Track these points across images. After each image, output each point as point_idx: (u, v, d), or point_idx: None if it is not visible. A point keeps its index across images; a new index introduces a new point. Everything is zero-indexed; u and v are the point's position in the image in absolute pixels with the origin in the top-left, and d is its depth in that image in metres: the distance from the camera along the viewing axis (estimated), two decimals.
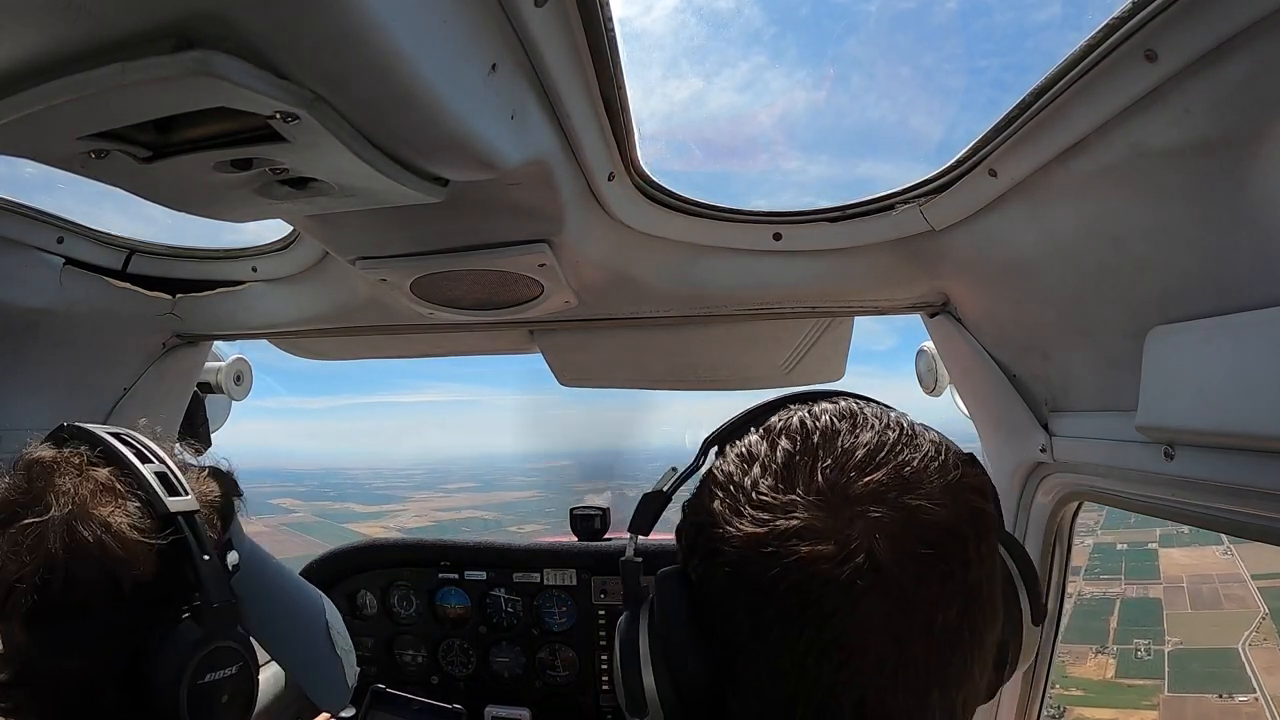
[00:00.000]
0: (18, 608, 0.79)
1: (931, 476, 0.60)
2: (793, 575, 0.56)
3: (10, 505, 0.85)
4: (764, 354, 2.02)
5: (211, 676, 0.86)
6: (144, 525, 0.85)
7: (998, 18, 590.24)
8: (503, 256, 1.35)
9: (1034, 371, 1.46)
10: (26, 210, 1.46)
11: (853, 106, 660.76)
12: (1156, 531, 30.27)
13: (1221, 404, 0.89)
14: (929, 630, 0.57)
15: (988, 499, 0.63)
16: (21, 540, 0.81)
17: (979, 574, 0.60)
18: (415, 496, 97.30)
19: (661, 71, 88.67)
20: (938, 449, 0.63)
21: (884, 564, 0.55)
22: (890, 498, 0.58)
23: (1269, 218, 0.83)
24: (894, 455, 0.60)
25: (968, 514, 0.60)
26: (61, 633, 0.81)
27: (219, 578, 0.89)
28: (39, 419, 1.67)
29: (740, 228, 1.45)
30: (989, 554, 0.62)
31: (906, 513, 0.57)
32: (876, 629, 0.55)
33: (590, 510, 2.50)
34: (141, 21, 0.65)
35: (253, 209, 1.07)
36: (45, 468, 0.87)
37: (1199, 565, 29.17)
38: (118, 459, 0.89)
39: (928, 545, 0.57)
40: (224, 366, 2.20)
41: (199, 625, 0.86)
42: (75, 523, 0.81)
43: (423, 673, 2.50)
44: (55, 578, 0.79)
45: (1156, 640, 26.42)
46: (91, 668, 0.83)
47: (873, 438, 0.62)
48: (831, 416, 0.65)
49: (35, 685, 0.83)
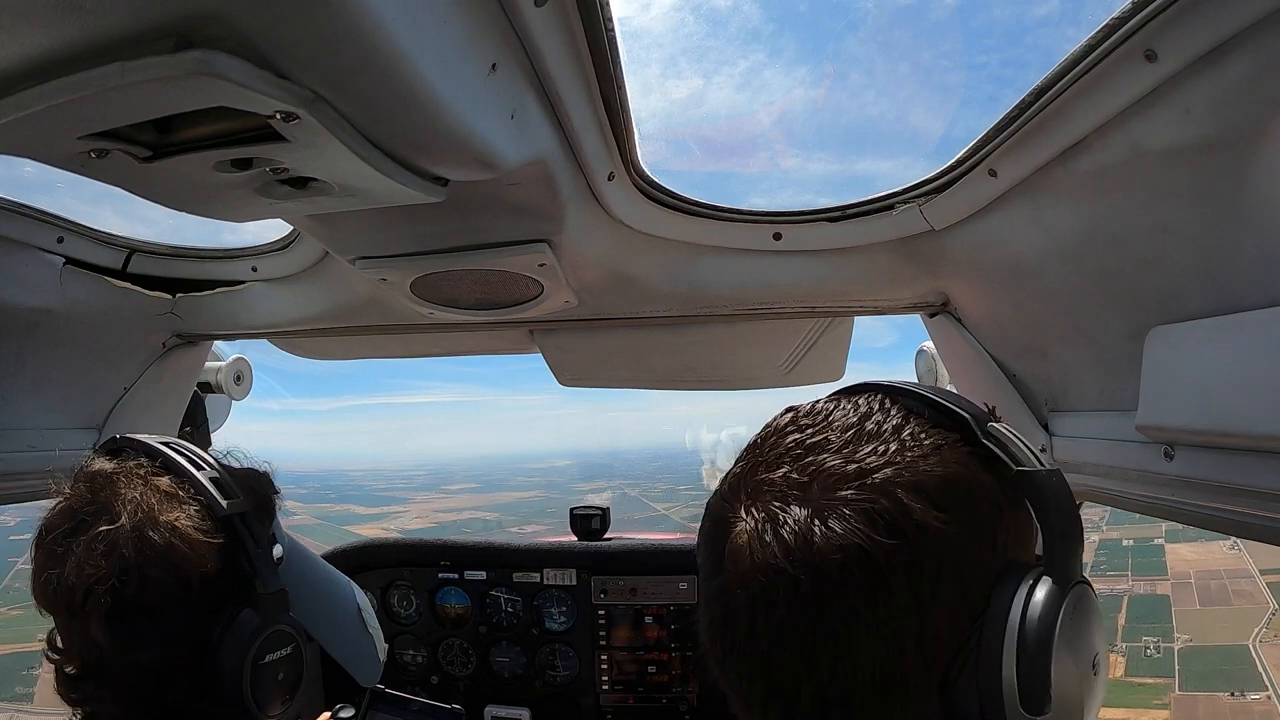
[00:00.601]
0: (96, 608, 0.86)
1: (836, 487, 0.58)
2: (705, 548, 0.66)
3: (77, 514, 0.92)
4: (764, 354, 2.02)
5: (270, 658, 0.95)
6: (205, 526, 0.93)
7: (996, 13, 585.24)
8: (503, 256, 1.35)
9: (1034, 371, 1.46)
10: (27, 210, 1.46)
11: (851, 104, 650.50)
12: (1162, 527, 29.70)
13: (1221, 404, 0.89)
14: (773, 642, 0.58)
15: (888, 534, 0.55)
16: (96, 547, 0.88)
17: (839, 615, 0.56)
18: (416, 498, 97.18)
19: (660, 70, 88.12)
20: (867, 463, 0.58)
21: (736, 568, 0.60)
22: (766, 501, 0.60)
23: (1269, 218, 0.83)
24: (802, 458, 0.61)
25: (846, 545, 0.55)
26: (137, 629, 0.89)
27: (271, 569, 0.98)
28: (39, 419, 1.68)
29: (740, 227, 1.45)
30: (868, 598, 0.55)
31: (769, 519, 0.59)
32: (739, 618, 0.60)
33: (590, 510, 2.50)
34: (141, 21, 0.65)
35: (253, 209, 1.07)
36: (108, 478, 0.95)
37: (1207, 561, 28.88)
38: (175, 468, 0.98)
39: (774, 558, 0.57)
40: (224, 366, 2.20)
41: (257, 613, 0.95)
42: (145, 529, 0.89)
43: (423, 672, 2.50)
44: (130, 579, 0.87)
45: (1166, 638, 26.11)
46: (163, 658, 0.91)
47: (799, 439, 0.63)
48: (798, 412, 0.68)
49: (108, 678, 0.90)
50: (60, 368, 1.68)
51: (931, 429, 0.62)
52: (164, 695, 0.91)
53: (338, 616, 1.20)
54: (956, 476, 0.59)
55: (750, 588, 0.59)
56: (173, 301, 1.77)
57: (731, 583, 0.60)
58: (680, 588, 2.28)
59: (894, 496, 0.57)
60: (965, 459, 0.61)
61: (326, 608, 1.18)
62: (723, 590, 0.62)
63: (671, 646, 2.32)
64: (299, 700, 1.01)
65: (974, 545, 0.59)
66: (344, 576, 1.27)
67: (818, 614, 0.56)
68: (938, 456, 0.60)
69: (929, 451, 0.60)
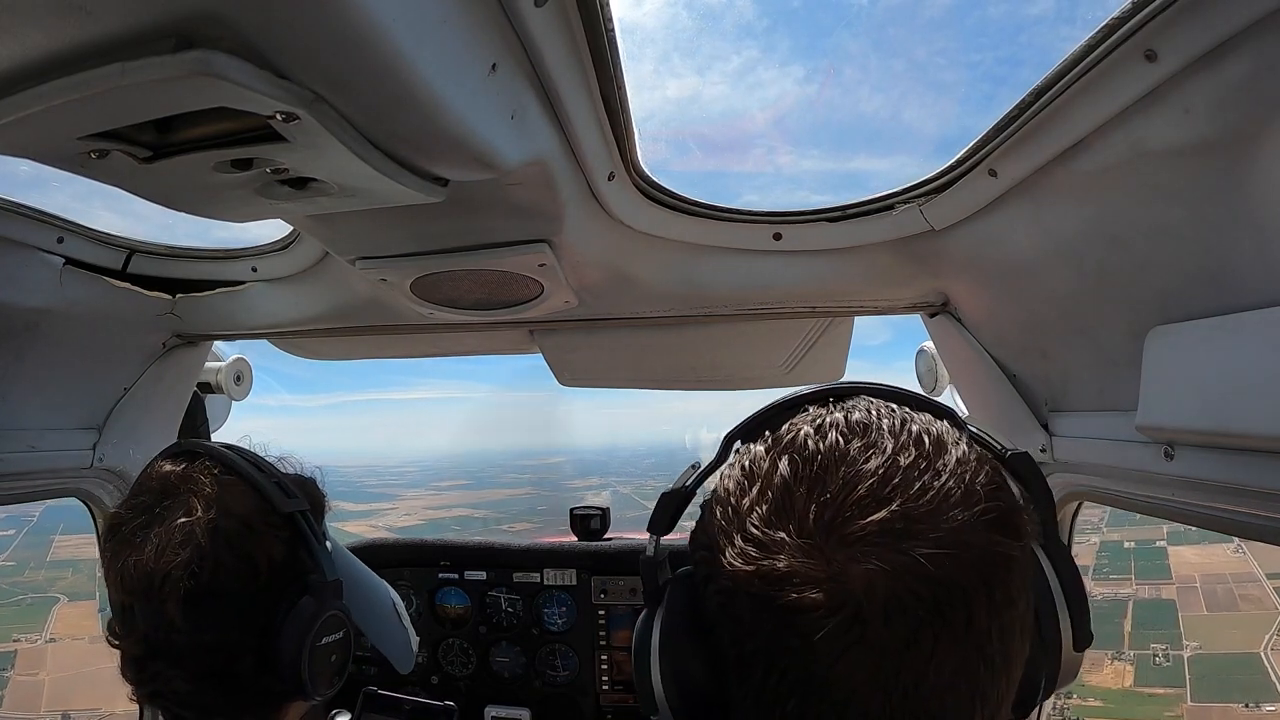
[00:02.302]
0: (174, 592, 0.94)
1: (946, 514, 0.53)
2: (775, 620, 0.53)
3: (151, 508, 1.01)
4: (764, 354, 2.02)
5: (326, 640, 1.03)
6: (272, 520, 1.04)
7: (991, 11, 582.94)
8: (503, 256, 1.35)
9: (1034, 371, 1.46)
10: (26, 210, 1.46)
11: (845, 101, 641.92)
12: (1164, 529, 29.11)
13: (1221, 404, 0.89)
14: (918, 686, 0.52)
15: (1015, 534, 0.56)
16: (174, 535, 0.97)
17: (987, 625, 0.53)
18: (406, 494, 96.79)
19: (654, 67, 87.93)
20: (963, 472, 0.55)
21: (870, 620, 0.51)
22: (889, 543, 0.52)
23: (1269, 218, 0.83)
24: (903, 488, 0.53)
25: (982, 560, 0.53)
26: (211, 611, 0.97)
27: (329, 561, 1.07)
28: (39, 419, 1.68)
29: (740, 227, 1.45)
30: (1003, 602, 0.55)
31: (905, 562, 0.51)
32: (861, 683, 0.52)
33: (590, 510, 2.50)
34: (141, 21, 0.65)
35: (253, 209, 1.07)
36: (181, 476, 1.04)
37: (1211, 564, 28.25)
38: (240, 469, 1.07)
39: (924, 601, 0.51)
40: (224, 366, 2.20)
41: (314, 599, 1.03)
42: (220, 520, 0.99)
43: (422, 673, 2.50)
44: (205, 565, 0.96)
45: (1174, 645, 25.32)
46: (232, 639, 0.99)
47: (882, 464, 0.55)
48: (840, 433, 0.58)
49: (177, 657, 0.97)
50: (60, 368, 1.68)
51: (950, 427, 0.62)
52: (230, 672, 0.99)
53: (378, 608, 1.30)
54: (1002, 471, 0.61)
55: (901, 639, 0.52)
56: (173, 302, 1.76)
57: (865, 643, 0.52)
58: None
59: (999, 498, 0.57)
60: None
61: (369, 600, 1.28)
62: (839, 658, 0.52)
63: None
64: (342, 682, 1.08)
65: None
66: (377, 575, 1.35)
67: (984, 641, 0.54)
68: (978, 455, 0.60)
69: (975, 451, 0.60)
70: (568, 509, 2.55)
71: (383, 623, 1.30)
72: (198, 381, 2.12)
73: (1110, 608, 27.30)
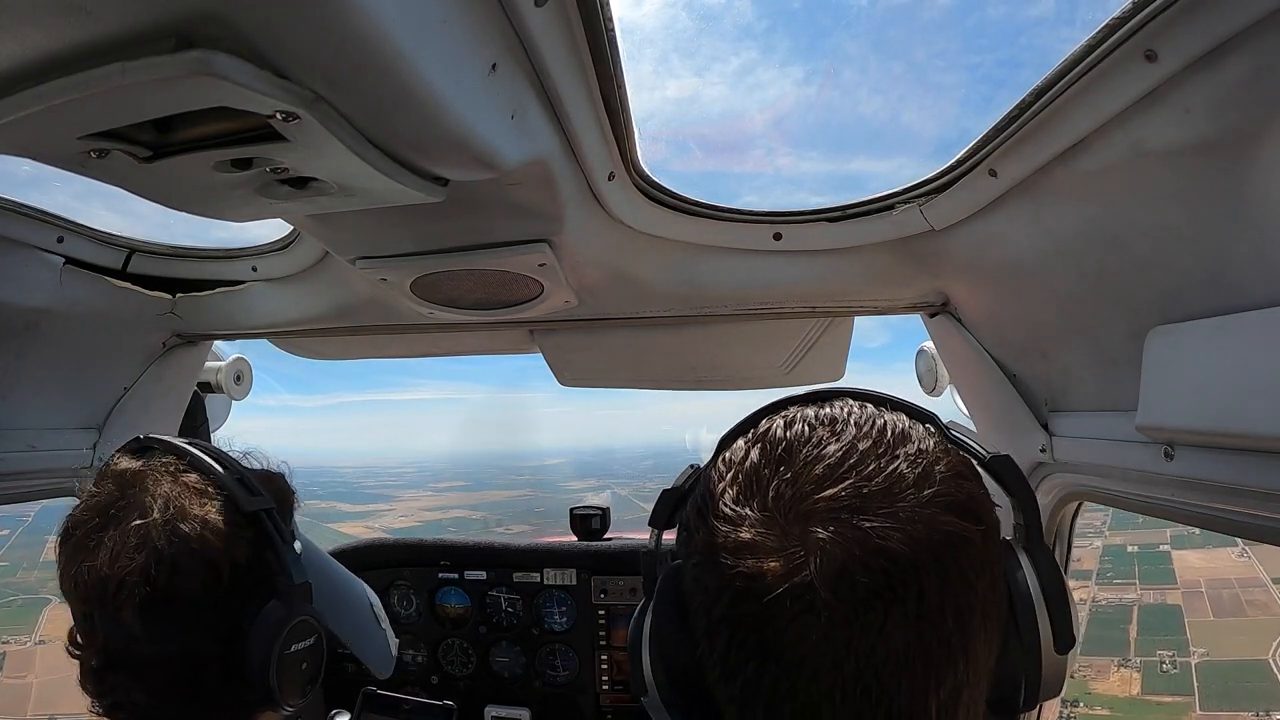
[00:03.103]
0: (129, 599, 0.89)
1: (900, 494, 0.56)
2: (734, 587, 0.57)
3: (106, 509, 0.95)
4: (764, 354, 2.02)
5: (295, 647, 0.98)
6: (234, 520, 0.97)
7: (990, 13, 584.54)
8: (503, 256, 1.35)
9: (1034, 371, 1.46)
10: (26, 210, 1.46)
11: (845, 102, 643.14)
12: (1167, 532, 28.83)
13: (1221, 404, 0.89)
14: (871, 657, 0.54)
15: (971, 518, 0.57)
16: (128, 539, 0.91)
17: (939, 602, 0.55)
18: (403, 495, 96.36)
19: (653, 67, 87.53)
20: (920, 459, 0.58)
21: (821, 588, 0.54)
22: (843, 517, 0.55)
23: (1269, 218, 0.83)
24: (858, 468, 0.57)
25: (932, 538, 0.55)
26: (169, 618, 0.91)
27: (296, 563, 1.01)
28: (39, 418, 1.68)
29: (740, 228, 1.45)
30: (957, 580, 0.56)
31: (856, 535, 0.54)
32: (812, 650, 0.54)
33: (590, 510, 2.51)
34: (141, 21, 0.65)
35: (253, 209, 1.07)
36: (137, 475, 0.98)
37: (1216, 569, 27.79)
38: (201, 466, 1.01)
39: (872, 573, 0.53)
40: (224, 366, 2.20)
41: (282, 604, 0.97)
42: (177, 521, 0.93)
43: (423, 673, 2.50)
44: (162, 570, 0.90)
45: (1181, 651, 24.75)
46: (194, 647, 0.93)
47: (840, 449, 0.59)
48: (807, 423, 0.62)
49: (137, 667, 0.92)
50: (60, 368, 1.68)
51: (922, 426, 0.64)
52: (193, 683, 0.93)
53: (354, 611, 1.25)
54: (972, 465, 0.63)
55: (851, 610, 0.53)
56: (173, 301, 1.77)
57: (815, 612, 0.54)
58: None
59: (960, 486, 0.59)
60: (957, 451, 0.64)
61: (343, 602, 1.22)
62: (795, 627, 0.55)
63: None
64: (316, 691, 1.04)
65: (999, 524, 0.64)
66: (354, 575, 1.31)
67: (939, 618, 0.55)
68: (945, 449, 0.62)
69: (943, 446, 0.62)
70: (566, 510, 2.56)
71: (359, 626, 1.25)
72: (198, 381, 2.12)
73: (1115, 613, 26.87)
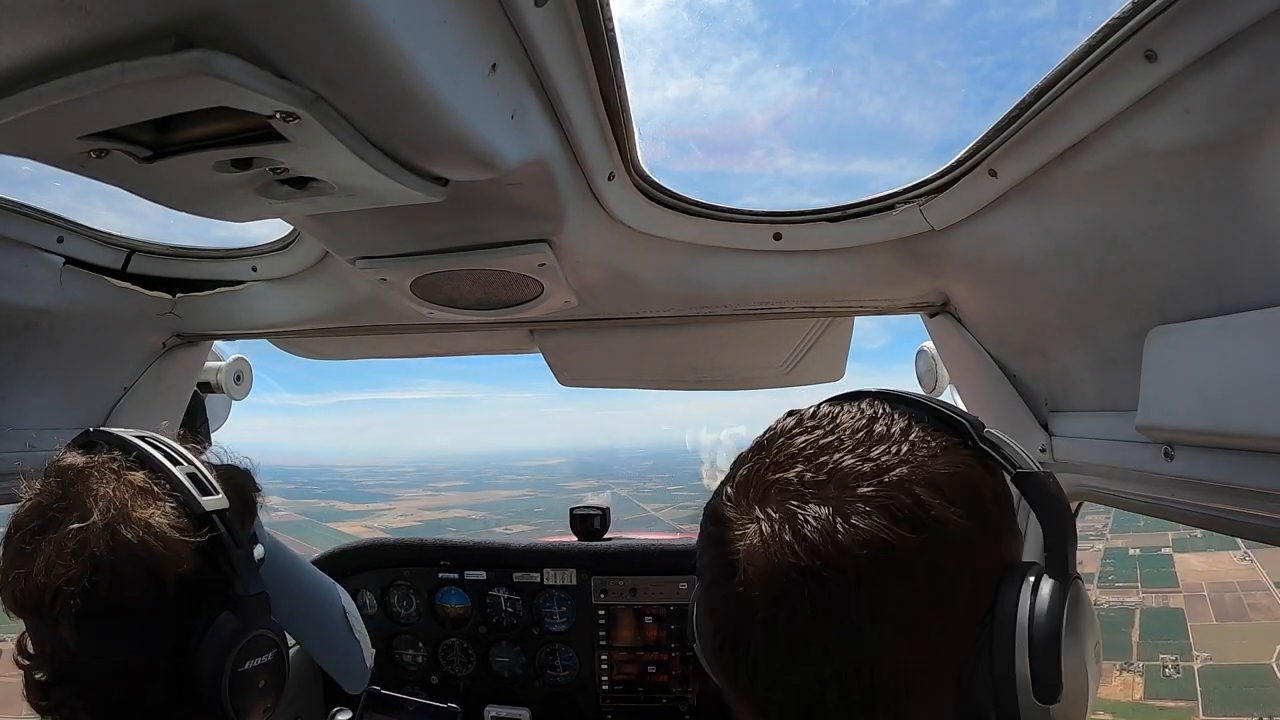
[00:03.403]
0: (66, 610, 0.82)
1: (841, 487, 0.58)
2: (710, 551, 0.64)
3: (46, 511, 0.87)
4: (764, 354, 2.02)
5: (250, 664, 0.90)
6: (181, 524, 0.88)
7: (992, 15, 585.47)
8: (503, 256, 1.35)
9: (1034, 371, 1.46)
10: (26, 210, 1.46)
11: (846, 104, 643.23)
12: (1169, 535, 28.48)
13: (1221, 404, 0.89)
14: (795, 645, 0.57)
15: (908, 527, 0.56)
16: (66, 545, 0.83)
17: (864, 612, 0.55)
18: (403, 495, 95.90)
19: (653, 67, 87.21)
20: (883, 460, 0.59)
21: (754, 569, 0.58)
22: (781, 499, 0.59)
23: (1269, 218, 0.83)
24: (809, 459, 0.61)
25: (854, 537, 0.55)
26: (110, 631, 0.84)
27: (251, 570, 0.93)
28: (39, 418, 1.68)
29: (740, 227, 1.45)
30: (870, 584, 0.55)
31: (786, 519, 0.58)
32: (757, 622, 0.58)
33: (590, 510, 2.50)
34: (141, 21, 0.65)
35: (253, 209, 1.07)
36: (80, 473, 0.90)
37: (1218, 572, 27.52)
38: (150, 462, 0.92)
39: (796, 557, 0.56)
40: (224, 366, 2.20)
41: (236, 616, 0.89)
42: (118, 526, 0.84)
43: (422, 673, 2.50)
44: (102, 579, 0.82)
45: (1184, 655, 24.51)
46: (138, 663, 0.86)
47: (807, 441, 0.63)
48: (797, 420, 0.67)
49: (81, 683, 0.85)
50: (60, 368, 1.68)
51: (935, 432, 0.63)
52: (139, 701, 0.86)
53: (322, 621, 1.16)
54: (966, 476, 0.61)
55: (770, 589, 0.57)
56: (173, 301, 1.77)
57: (747, 585, 0.58)
58: (680, 588, 2.28)
59: (911, 492, 0.57)
60: (970, 460, 0.62)
61: (310, 612, 1.14)
62: (733, 595, 0.60)
63: (671, 646, 2.32)
64: (287, 707, 0.97)
65: (984, 543, 0.60)
66: (329, 579, 1.22)
67: (844, 612, 0.56)
68: (946, 457, 0.61)
69: (938, 452, 0.61)
70: (566, 511, 2.56)
71: (327, 636, 1.16)
72: (198, 381, 2.12)
73: (1117, 617, 26.54)
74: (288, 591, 1.05)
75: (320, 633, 1.16)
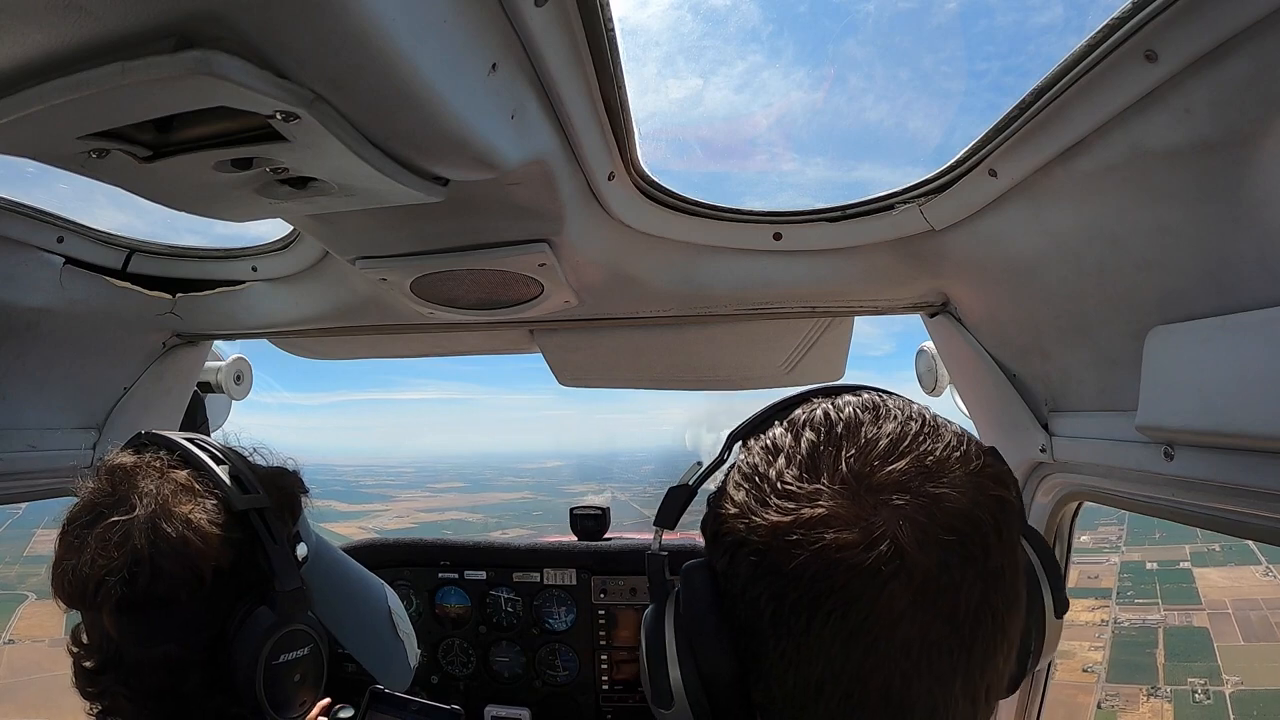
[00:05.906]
0: (108, 599, 0.86)
1: (954, 466, 0.60)
2: (817, 562, 0.57)
3: (96, 507, 0.92)
4: (764, 354, 2.02)
5: (285, 657, 0.93)
6: (221, 520, 0.92)
7: (998, 20, 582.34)
8: (503, 256, 1.35)
9: (1034, 371, 1.46)
10: (26, 210, 1.46)
11: (850, 108, 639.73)
12: (1186, 549, 27.17)
13: (1221, 404, 0.89)
14: (953, 616, 0.57)
15: (1009, 488, 0.64)
16: (109, 537, 0.88)
17: (1000, 561, 0.60)
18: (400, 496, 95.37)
19: (657, 69, 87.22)
20: (959, 440, 0.63)
21: (907, 550, 0.56)
22: (913, 486, 0.59)
23: (1269, 218, 0.83)
24: (916, 445, 0.61)
25: (989, 502, 0.60)
26: (149, 622, 0.88)
27: (289, 566, 0.95)
28: (39, 418, 1.68)
29: (740, 228, 1.45)
30: (1010, 542, 0.62)
31: (929, 500, 0.58)
32: (900, 614, 0.56)
33: (590, 510, 2.51)
34: (142, 21, 0.65)
35: (253, 209, 1.07)
36: (127, 472, 0.95)
37: (1241, 588, 25.98)
38: (194, 461, 0.97)
39: (950, 532, 0.57)
40: (224, 366, 2.20)
41: (273, 610, 0.93)
42: (159, 520, 0.89)
43: (423, 672, 2.50)
44: (142, 570, 0.86)
45: (1214, 679, 22.84)
46: (176, 653, 0.89)
47: (895, 428, 0.62)
48: (855, 409, 0.65)
49: (122, 671, 0.89)
50: (60, 368, 1.68)
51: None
52: (176, 690, 0.90)
53: (366, 620, 1.18)
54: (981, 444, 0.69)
55: (942, 569, 0.57)
56: (173, 301, 1.77)
57: (912, 572, 0.56)
58: None
59: (993, 461, 0.64)
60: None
61: (355, 611, 1.17)
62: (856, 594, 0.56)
63: None
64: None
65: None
66: (377, 580, 1.25)
67: (1007, 571, 0.61)
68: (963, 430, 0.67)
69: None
70: (565, 514, 2.56)
71: (371, 635, 1.18)
72: (198, 381, 2.12)
73: (1140, 636, 24.99)
74: (331, 589, 1.07)
75: (362, 631, 1.18)
